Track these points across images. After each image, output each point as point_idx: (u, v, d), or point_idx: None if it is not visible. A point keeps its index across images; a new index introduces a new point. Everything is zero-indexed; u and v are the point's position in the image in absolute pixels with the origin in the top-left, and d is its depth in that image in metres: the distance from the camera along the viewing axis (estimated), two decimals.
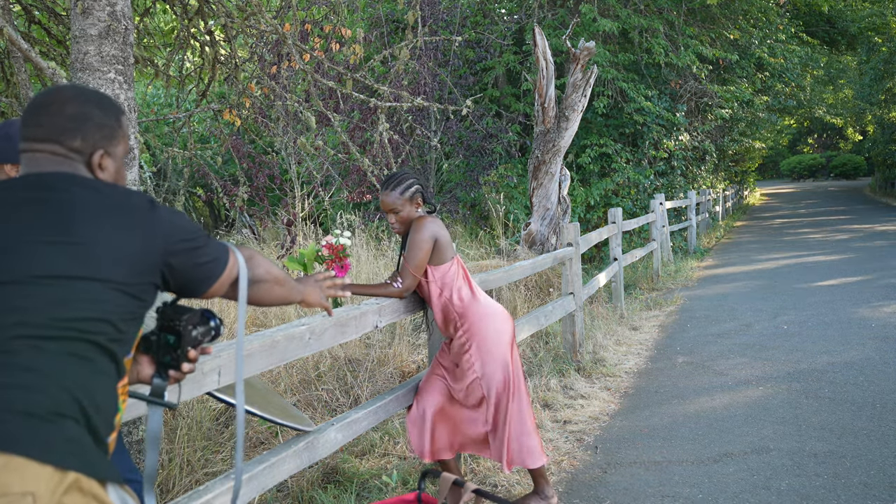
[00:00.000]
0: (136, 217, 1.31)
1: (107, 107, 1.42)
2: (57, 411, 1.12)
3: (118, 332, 1.26)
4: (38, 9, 4.89)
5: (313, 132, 5.82)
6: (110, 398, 1.24)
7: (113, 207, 1.29)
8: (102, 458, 1.18)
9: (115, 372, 1.26)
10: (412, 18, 4.80)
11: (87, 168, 1.37)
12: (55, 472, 1.07)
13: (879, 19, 20.06)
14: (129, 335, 1.30)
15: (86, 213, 1.26)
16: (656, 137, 12.25)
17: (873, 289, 7.80)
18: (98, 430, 1.19)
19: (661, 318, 7.08)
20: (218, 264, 1.44)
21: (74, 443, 1.12)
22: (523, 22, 12.32)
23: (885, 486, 3.04)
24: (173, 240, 1.35)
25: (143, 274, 1.30)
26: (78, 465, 1.10)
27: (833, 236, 14.25)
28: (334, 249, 2.91)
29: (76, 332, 1.19)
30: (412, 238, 2.85)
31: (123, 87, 2.81)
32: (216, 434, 3.62)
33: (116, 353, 1.25)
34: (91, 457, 1.14)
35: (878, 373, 4.69)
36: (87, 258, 1.23)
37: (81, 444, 1.14)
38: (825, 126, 41.44)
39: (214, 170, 11.05)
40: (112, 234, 1.26)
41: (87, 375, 1.19)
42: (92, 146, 1.37)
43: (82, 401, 1.16)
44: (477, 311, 2.90)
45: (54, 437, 1.10)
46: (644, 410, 4.28)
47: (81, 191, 1.29)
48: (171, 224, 1.35)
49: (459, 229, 10.21)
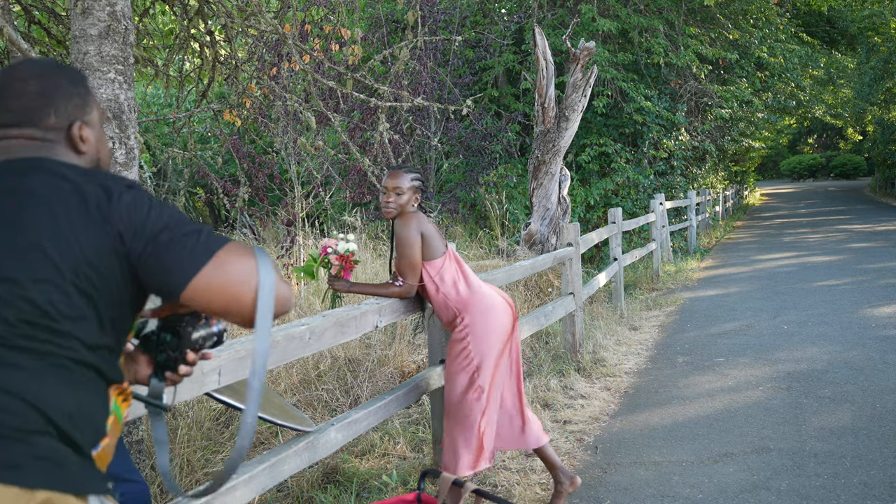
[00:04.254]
0: (91, 208, 1.16)
1: (70, 74, 1.31)
2: (23, 428, 1.04)
3: (90, 339, 1.14)
4: (38, 9, 4.88)
5: (313, 132, 5.82)
6: (91, 404, 1.15)
7: (71, 197, 1.16)
8: (84, 470, 1.10)
9: (95, 376, 1.16)
10: (412, 18, 4.80)
11: (69, 144, 1.28)
12: (22, 493, 1.00)
13: (879, 19, 20.08)
14: (106, 339, 1.18)
15: (41, 206, 1.14)
16: (656, 137, 12.25)
17: (873, 289, 7.80)
18: (76, 439, 1.10)
19: (661, 318, 7.08)
20: (194, 258, 1.17)
21: (45, 460, 1.04)
22: (523, 22, 12.32)
23: (885, 486, 3.04)
24: (133, 231, 1.17)
25: (105, 273, 1.15)
26: (49, 483, 1.03)
27: (833, 236, 14.25)
28: (344, 258, 2.93)
29: (40, 340, 1.09)
30: (399, 235, 2.85)
31: (123, 87, 2.81)
32: (216, 434, 3.62)
33: (92, 360, 1.14)
34: (66, 472, 1.06)
35: (878, 373, 4.69)
36: (43, 259, 1.11)
37: (55, 460, 1.06)
38: (825, 126, 41.44)
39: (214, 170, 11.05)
40: (69, 230, 1.13)
41: (57, 384, 1.09)
42: (67, 119, 1.28)
43: (48, 412, 1.07)
44: (476, 304, 2.89)
45: (21, 456, 1.03)
46: (644, 410, 4.28)
47: (45, 179, 1.17)
48: (130, 213, 1.17)
49: (459, 229, 10.21)
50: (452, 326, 2.93)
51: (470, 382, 2.85)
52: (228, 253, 1.19)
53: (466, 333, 2.86)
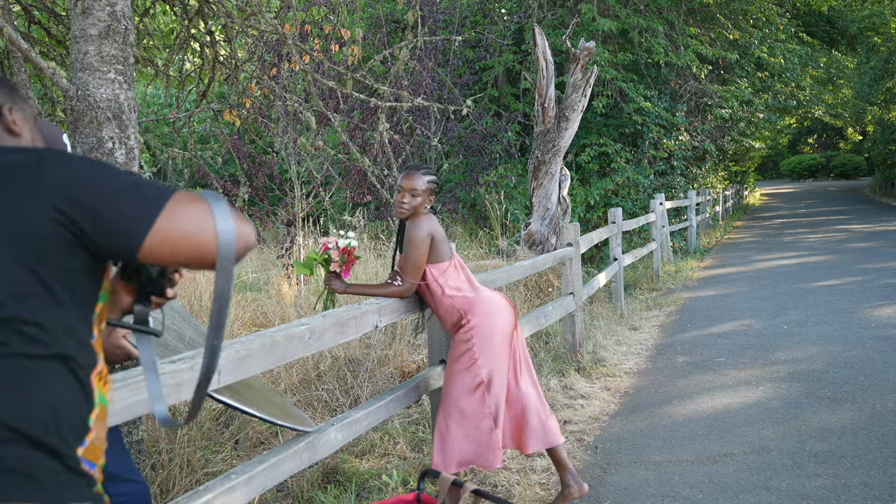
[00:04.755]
0: (19, 180, 1.08)
1: None
2: None
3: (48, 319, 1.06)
4: (38, 9, 4.88)
5: (313, 132, 5.82)
6: (63, 401, 1.07)
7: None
8: (63, 477, 1.03)
9: (60, 368, 1.07)
10: (412, 18, 4.80)
11: (2, 127, 1.23)
12: None
13: (879, 19, 20.08)
14: (66, 316, 1.09)
15: None
16: (656, 137, 12.26)
17: (873, 289, 7.80)
18: (48, 443, 1.02)
19: (661, 318, 7.08)
20: (143, 214, 1.09)
21: (13, 471, 0.98)
22: (523, 22, 12.32)
23: (885, 486, 3.04)
24: (71, 199, 1.08)
25: (46, 249, 1.07)
26: (19, 496, 0.97)
27: (833, 236, 14.25)
28: (345, 251, 2.92)
29: None
30: (410, 235, 2.85)
31: (123, 87, 2.81)
32: (216, 434, 3.62)
33: (57, 350, 1.07)
34: (40, 481, 1.00)
35: (878, 373, 4.69)
36: None
37: (24, 471, 0.99)
38: (825, 126, 41.45)
39: (214, 170, 11.05)
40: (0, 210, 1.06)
41: (9, 385, 1.02)
42: None
43: (6, 418, 1.00)
44: (481, 305, 2.90)
45: None
46: (644, 410, 4.28)
47: None
48: (66, 180, 1.09)
49: (459, 229, 10.21)
50: (457, 328, 2.93)
51: (474, 383, 2.85)
52: (177, 203, 1.12)
53: (472, 335, 2.86)
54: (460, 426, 2.86)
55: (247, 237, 1.16)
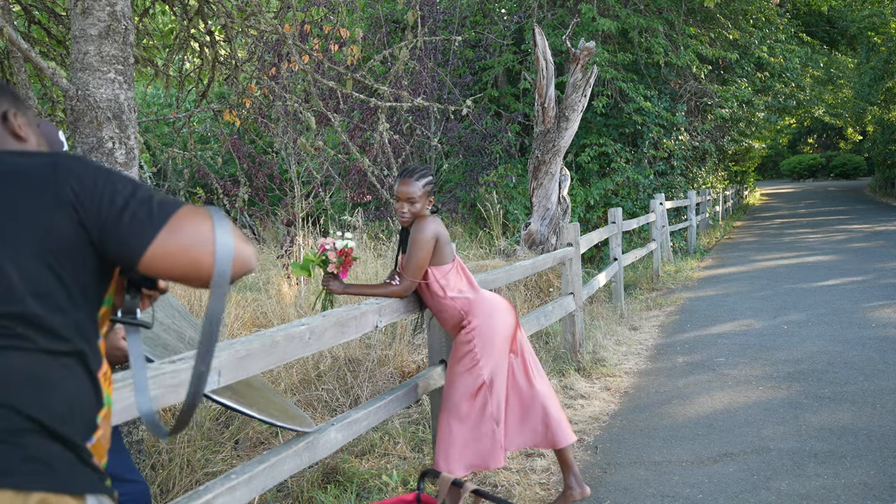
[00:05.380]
0: (39, 182, 1.10)
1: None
2: (8, 429, 1.01)
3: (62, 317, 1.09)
4: (38, 9, 4.88)
5: (313, 132, 5.82)
6: (78, 396, 1.10)
7: (13, 175, 1.11)
8: (79, 468, 1.06)
9: (76, 365, 1.11)
10: (412, 18, 4.80)
11: (8, 132, 1.24)
12: (16, 495, 0.98)
13: (879, 19, 20.08)
14: (78, 313, 1.12)
15: None
16: (656, 137, 12.25)
17: (873, 289, 7.80)
18: (65, 435, 1.05)
19: (661, 318, 7.08)
20: (148, 226, 1.11)
21: (36, 461, 1.02)
22: (523, 22, 12.32)
23: (885, 486, 3.04)
24: (83, 203, 1.11)
25: (63, 250, 1.10)
26: (42, 484, 1.00)
27: (833, 236, 14.25)
28: (343, 252, 2.92)
29: (4, 331, 1.05)
30: (415, 236, 2.85)
31: (123, 87, 2.81)
32: (216, 434, 3.62)
33: (70, 347, 1.10)
34: (60, 471, 1.03)
35: (878, 373, 4.69)
36: None
37: (46, 460, 1.02)
38: (825, 126, 41.46)
39: (214, 170, 11.05)
40: (19, 210, 1.08)
41: (33, 378, 1.05)
42: (1, 109, 1.25)
43: (29, 410, 1.03)
44: (482, 305, 2.90)
45: (11, 458, 1.00)
46: (644, 410, 4.28)
47: None
48: (80, 184, 1.12)
49: (459, 229, 10.21)
50: (458, 329, 2.93)
51: (476, 384, 2.85)
52: (182, 217, 1.13)
53: (473, 336, 2.86)
54: (463, 428, 2.85)
55: (246, 258, 1.17)
